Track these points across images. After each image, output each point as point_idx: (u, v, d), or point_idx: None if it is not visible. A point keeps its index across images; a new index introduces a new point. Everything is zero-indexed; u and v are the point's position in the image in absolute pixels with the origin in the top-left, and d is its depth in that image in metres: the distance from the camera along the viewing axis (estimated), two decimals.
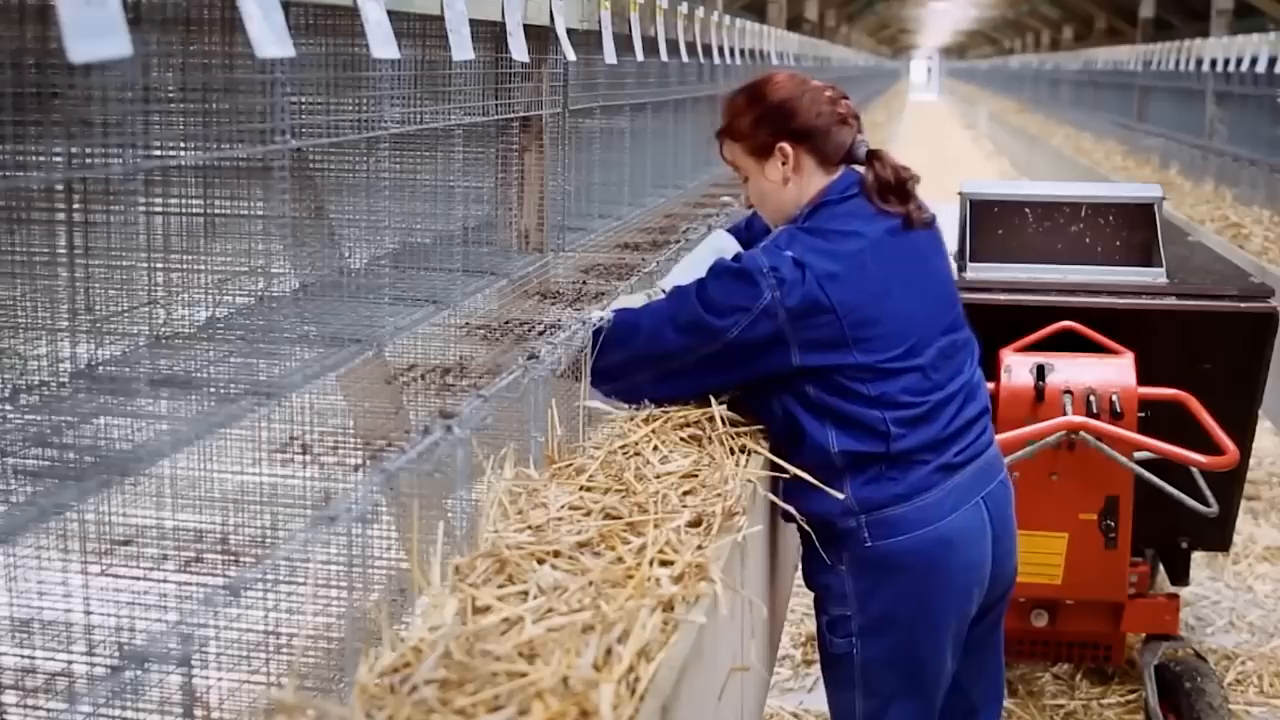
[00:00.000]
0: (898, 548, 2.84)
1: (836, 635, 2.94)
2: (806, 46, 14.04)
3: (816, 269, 2.78)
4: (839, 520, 2.86)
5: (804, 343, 2.78)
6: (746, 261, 2.81)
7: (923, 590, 2.87)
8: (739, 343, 2.78)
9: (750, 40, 8.62)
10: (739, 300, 2.78)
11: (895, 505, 2.84)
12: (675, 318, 2.84)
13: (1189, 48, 12.41)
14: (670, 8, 5.52)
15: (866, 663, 2.91)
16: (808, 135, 2.92)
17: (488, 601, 2.06)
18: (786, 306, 2.76)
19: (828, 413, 2.83)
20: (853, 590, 2.89)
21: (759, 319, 2.76)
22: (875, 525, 2.84)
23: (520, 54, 3.42)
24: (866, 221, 2.89)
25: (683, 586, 2.17)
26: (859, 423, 2.82)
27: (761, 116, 2.94)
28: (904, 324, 2.84)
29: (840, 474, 2.84)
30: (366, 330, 2.67)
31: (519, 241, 3.83)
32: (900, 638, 2.90)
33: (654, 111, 5.68)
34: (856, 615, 2.90)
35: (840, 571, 2.90)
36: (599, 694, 1.76)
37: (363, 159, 2.92)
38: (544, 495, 2.50)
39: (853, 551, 2.87)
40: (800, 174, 2.94)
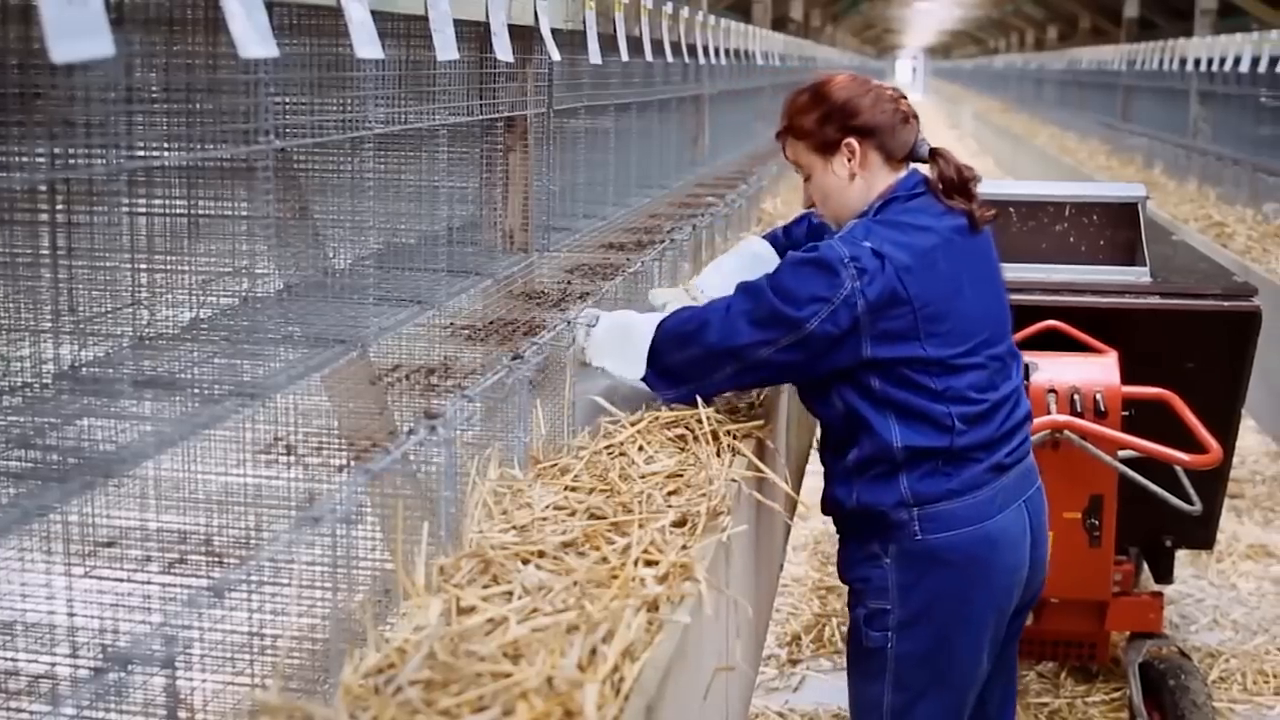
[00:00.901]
0: (946, 543, 2.87)
1: (873, 629, 2.95)
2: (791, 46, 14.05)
3: (895, 260, 2.79)
4: (891, 512, 2.88)
5: (877, 334, 2.79)
6: (825, 252, 2.81)
7: (965, 587, 2.90)
8: (819, 334, 2.77)
9: (735, 40, 8.63)
10: (819, 290, 2.77)
11: (948, 500, 2.86)
12: (750, 312, 2.81)
13: (1173, 47, 12.44)
14: (655, 7, 5.52)
15: (901, 657, 2.93)
16: (873, 132, 2.94)
17: (472, 602, 2.06)
18: (867, 297, 2.77)
19: (892, 406, 2.85)
20: (895, 583, 2.91)
21: (839, 310, 2.76)
22: (927, 519, 2.87)
23: (505, 54, 3.41)
24: (937, 219, 2.91)
25: (667, 586, 2.17)
26: (924, 416, 2.85)
27: (828, 114, 2.96)
28: (971, 322, 2.88)
29: (898, 468, 2.87)
30: (351, 331, 2.67)
31: (504, 242, 3.83)
32: (938, 633, 2.92)
33: (639, 111, 5.68)
34: (896, 609, 2.92)
35: (884, 565, 2.92)
36: (583, 694, 1.76)
37: (347, 159, 2.92)
38: (528, 495, 2.50)
39: (900, 544, 2.89)
40: (867, 170, 2.96)
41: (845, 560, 3.03)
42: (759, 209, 6.98)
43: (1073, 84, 20.06)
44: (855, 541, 2.98)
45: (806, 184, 3.05)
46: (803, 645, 5.01)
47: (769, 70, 10.99)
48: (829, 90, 2.98)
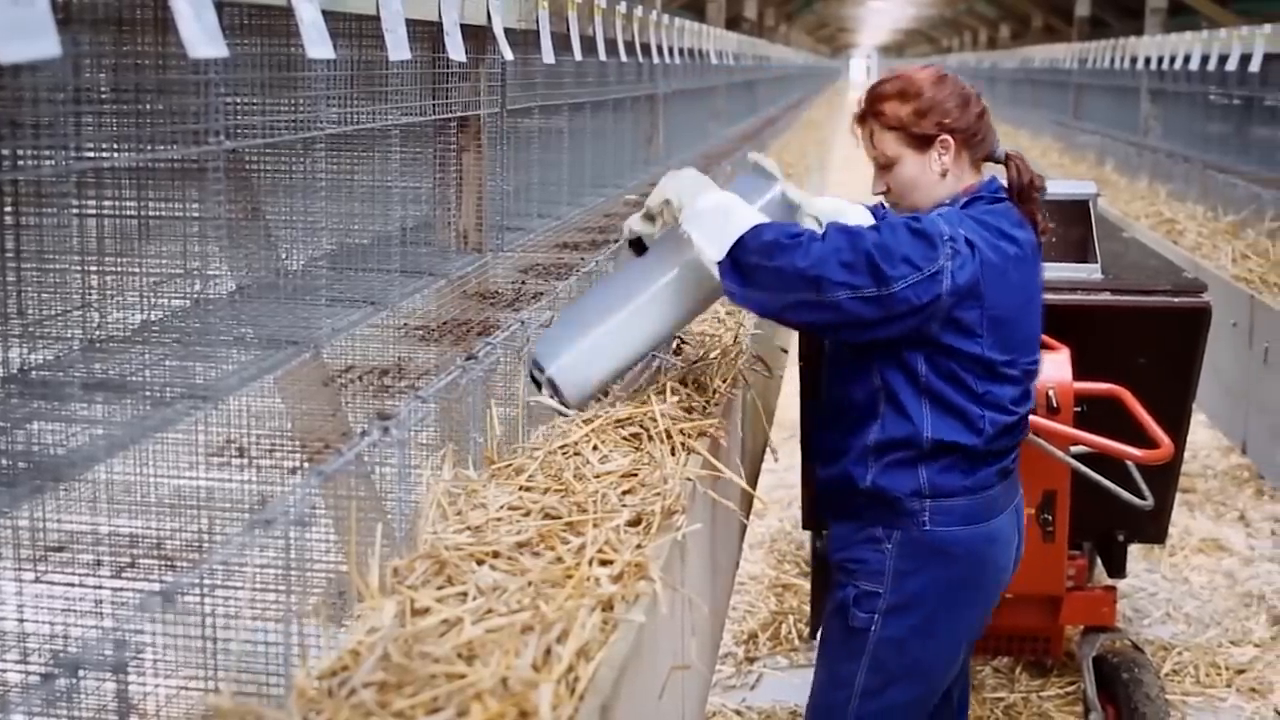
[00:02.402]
0: (951, 536, 2.92)
1: (860, 610, 2.98)
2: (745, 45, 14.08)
3: (982, 255, 2.82)
4: (905, 500, 2.92)
5: (948, 320, 2.81)
6: (927, 224, 2.81)
7: (961, 582, 2.96)
8: (900, 297, 2.75)
9: (689, 39, 8.64)
10: (914, 256, 2.76)
11: (962, 496, 2.92)
12: (843, 251, 2.76)
13: (1124, 46, 12.54)
14: (608, 7, 5.52)
15: (884, 641, 2.97)
16: (968, 132, 2.97)
17: (427, 603, 2.05)
18: (955, 280, 2.78)
19: (931, 396, 2.88)
20: (891, 569, 2.95)
21: (926, 282, 2.76)
22: (938, 511, 2.92)
23: (457, 54, 3.41)
24: (1017, 228, 2.93)
25: (622, 586, 2.17)
26: (960, 414, 2.88)
27: (928, 108, 2.95)
28: (1021, 336, 2.92)
29: (921, 457, 2.90)
30: (304, 332, 2.66)
31: (457, 242, 3.82)
32: (925, 623, 2.96)
33: (593, 111, 5.68)
34: (888, 594, 2.95)
35: (884, 549, 2.95)
36: (538, 694, 1.76)
37: (299, 160, 2.91)
38: (483, 496, 2.49)
39: (907, 532, 2.93)
40: (958, 168, 2.98)
41: (841, 539, 3.05)
42: None
43: (1025, 82, 20.19)
44: (855, 522, 3.00)
45: (882, 173, 3.02)
46: (759, 643, 5.01)
47: (723, 69, 11.01)
48: (927, 85, 2.97)
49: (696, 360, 3.33)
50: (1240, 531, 6.35)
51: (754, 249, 2.79)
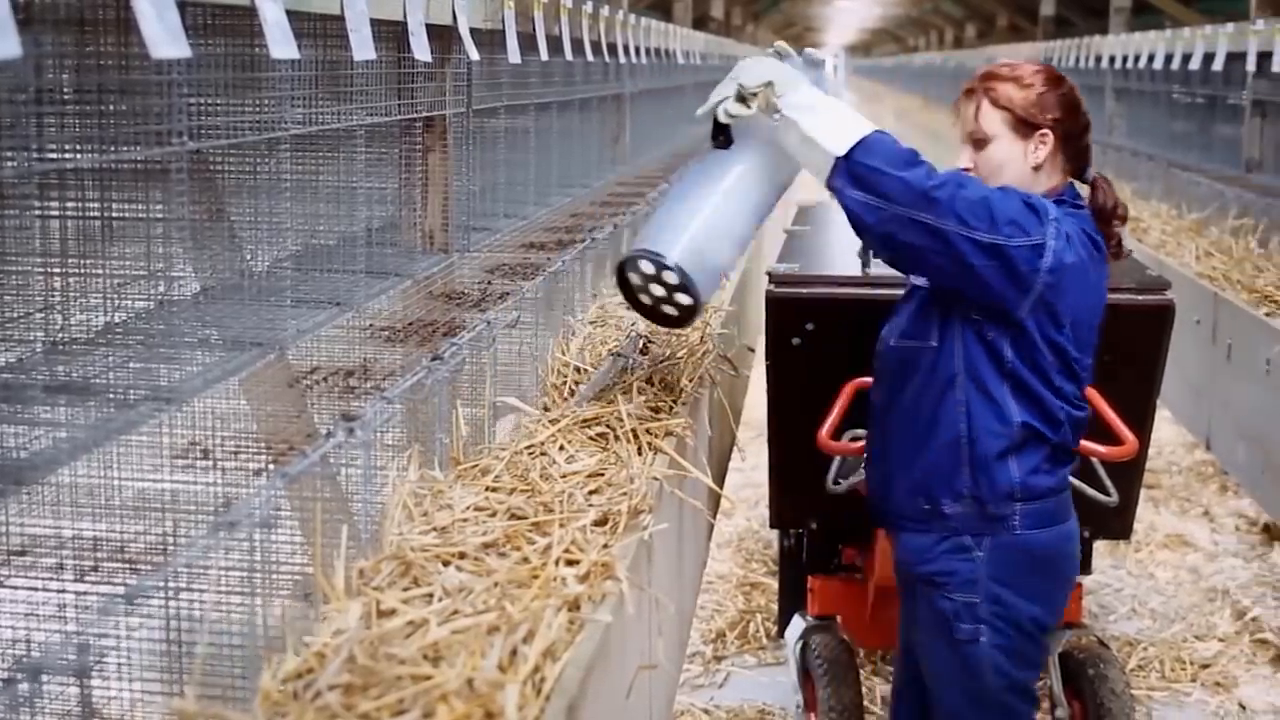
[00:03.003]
0: (1040, 539, 2.92)
1: (963, 622, 2.94)
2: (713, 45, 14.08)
3: (1076, 247, 2.83)
4: (993, 504, 2.90)
5: (1039, 301, 2.80)
6: (1034, 198, 2.82)
7: (1049, 578, 2.98)
8: (1003, 249, 2.73)
9: (656, 39, 8.63)
10: (1023, 221, 2.76)
11: (1048, 497, 2.92)
12: (965, 187, 2.75)
13: (1089, 45, 12.60)
14: (574, 7, 5.52)
15: (994, 648, 2.94)
16: (1071, 136, 2.97)
17: (392, 605, 2.05)
18: (1056, 256, 2.78)
19: (1014, 382, 2.87)
20: (985, 576, 2.92)
21: (1030, 250, 2.75)
22: (1027, 514, 2.90)
23: (422, 54, 3.40)
24: (1097, 235, 2.94)
25: (588, 586, 2.17)
26: (1040, 403, 2.88)
27: (1048, 100, 2.94)
28: (1088, 341, 2.95)
29: (1009, 451, 2.89)
30: (268, 333, 2.65)
31: (423, 242, 3.81)
32: (1023, 623, 2.95)
33: (559, 111, 5.68)
34: (985, 602, 2.93)
35: (975, 558, 2.92)
36: (504, 695, 1.76)
37: (264, 160, 2.90)
38: (449, 497, 2.49)
39: (997, 538, 2.91)
40: (1051, 167, 2.96)
41: (919, 551, 2.99)
42: None
43: None
44: (936, 532, 2.96)
45: (974, 149, 2.99)
46: (727, 642, 5.02)
47: (690, 69, 11.01)
48: (1043, 79, 2.97)
49: (663, 359, 3.34)
50: (1204, 527, 6.40)
51: (879, 153, 2.74)
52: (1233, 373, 5.32)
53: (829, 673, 3.90)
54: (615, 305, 4.27)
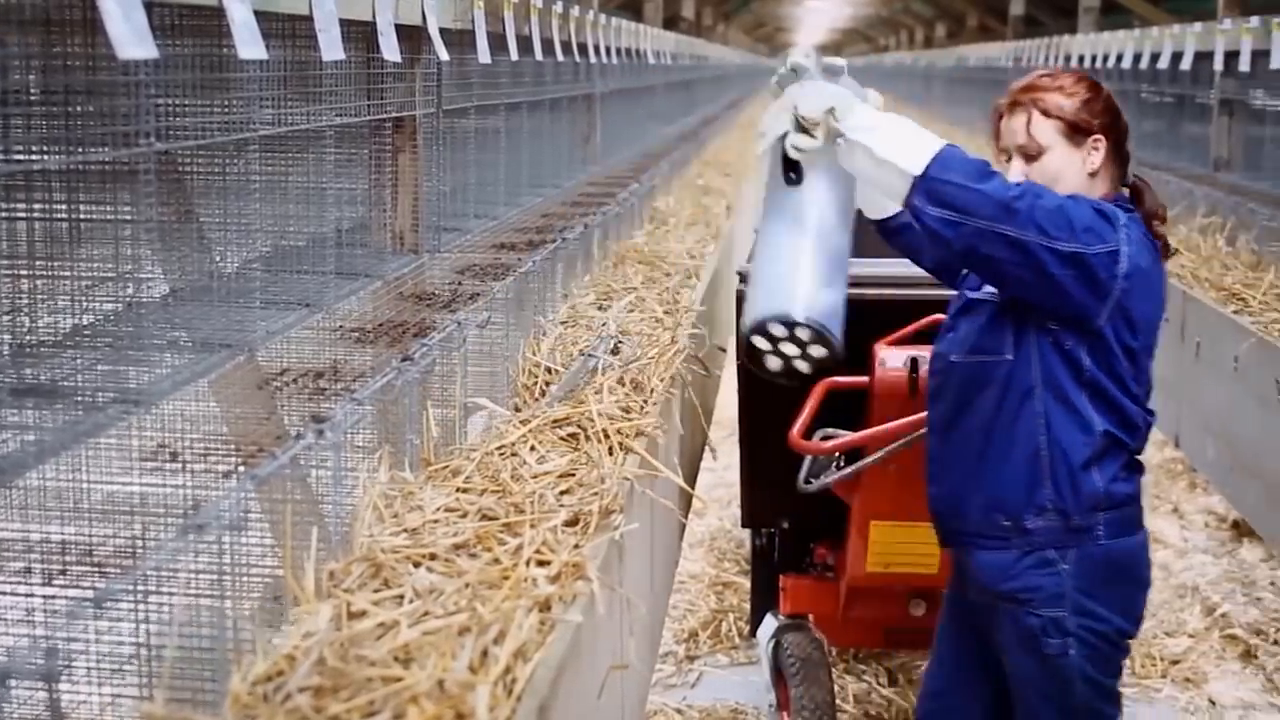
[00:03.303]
0: (1123, 547, 2.87)
1: (1051, 637, 2.87)
2: (683, 45, 14.10)
3: (1143, 250, 2.81)
4: (1078, 516, 2.84)
5: (1116, 307, 2.77)
6: (1102, 205, 2.80)
7: (1132, 585, 2.93)
8: (1083, 257, 2.70)
9: (626, 39, 8.64)
10: (1097, 229, 2.73)
11: (1127, 506, 2.87)
12: (1043, 197, 2.71)
13: (1058, 44, 12.66)
14: (545, 7, 5.51)
15: (1084, 660, 2.88)
16: (1120, 140, 2.95)
17: (363, 606, 2.05)
18: (1131, 262, 2.75)
19: (1094, 390, 2.82)
20: (1071, 589, 2.85)
21: (1107, 257, 2.72)
22: (1110, 523, 2.85)
23: (392, 54, 3.39)
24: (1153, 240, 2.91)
25: (560, 586, 2.17)
26: (1121, 411, 2.84)
27: (1098, 107, 2.93)
28: (1152, 345, 2.91)
29: (1092, 461, 2.83)
30: (238, 335, 2.64)
31: (393, 243, 3.80)
32: (1110, 633, 2.90)
33: (529, 111, 5.67)
34: (1071, 614, 2.86)
35: (1061, 570, 2.85)
36: (475, 696, 1.76)
37: (233, 161, 2.89)
38: (419, 498, 2.49)
39: (1081, 549, 2.85)
40: (1105, 172, 2.94)
41: (1000, 568, 2.91)
42: (651, 207, 7.00)
43: (961, 81, 20.32)
44: (1016, 549, 2.88)
45: (1027, 162, 2.94)
46: (700, 641, 5.02)
47: (661, 69, 11.02)
48: (1085, 87, 2.95)
49: (634, 359, 3.34)
50: (1174, 524, 6.43)
51: (955, 167, 2.69)
52: (1201, 371, 5.35)
53: (801, 672, 3.90)
54: (586, 305, 4.27)
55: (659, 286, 4.70)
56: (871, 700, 4.54)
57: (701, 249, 5.96)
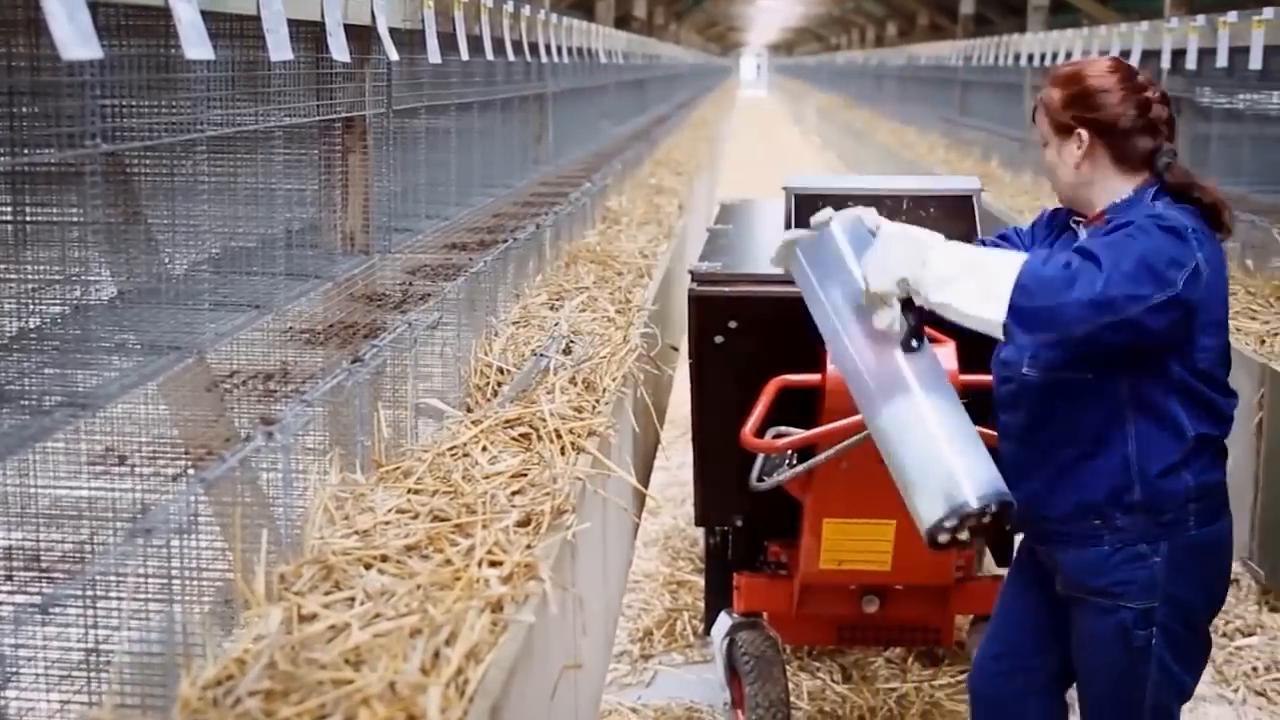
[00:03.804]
0: (1214, 533, 2.88)
1: (1139, 628, 2.86)
2: (635, 44, 14.10)
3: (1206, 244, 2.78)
4: (1169, 511, 2.83)
5: (1203, 313, 2.76)
6: (1169, 219, 2.74)
7: (1218, 568, 2.94)
8: (1178, 297, 2.67)
9: (578, 38, 8.64)
10: (1178, 255, 2.69)
11: (1216, 493, 2.87)
12: (1121, 264, 2.65)
13: (1007, 43, 12.73)
14: (495, 6, 5.50)
15: (1165, 650, 2.88)
16: (1106, 131, 2.89)
17: (314, 609, 2.04)
18: (1211, 266, 2.73)
19: (1186, 393, 2.81)
20: (1163, 580, 2.84)
21: (1192, 276, 2.69)
22: (1201, 512, 2.85)
23: (341, 54, 3.38)
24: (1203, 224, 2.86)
25: (512, 587, 2.17)
26: (1210, 406, 2.83)
27: (1072, 98, 2.91)
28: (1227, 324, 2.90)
29: (1184, 462, 2.82)
30: (186, 337, 2.63)
31: (344, 244, 3.79)
32: (1194, 619, 2.91)
33: (480, 111, 5.66)
34: (1161, 605, 2.85)
35: (1153, 563, 2.84)
36: (426, 698, 1.75)
37: (180, 162, 2.87)
38: (371, 499, 2.48)
39: (1173, 540, 2.84)
40: (1093, 164, 2.91)
41: (1091, 565, 2.90)
42: (603, 207, 7.00)
43: (912, 79, 20.43)
44: (1107, 545, 2.87)
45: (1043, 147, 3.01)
46: (654, 640, 5.02)
47: (613, 68, 11.02)
48: (1085, 74, 2.93)
49: (586, 359, 3.34)
50: None
51: (1038, 291, 2.67)
52: None
53: (755, 669, 3.91)
54: (538, 305, 4.27)
55: (611, 286, 4.70)
56: (826, 697, 4.55)
57: (654, 248, 5.97)
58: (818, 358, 3.64)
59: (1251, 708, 4.57)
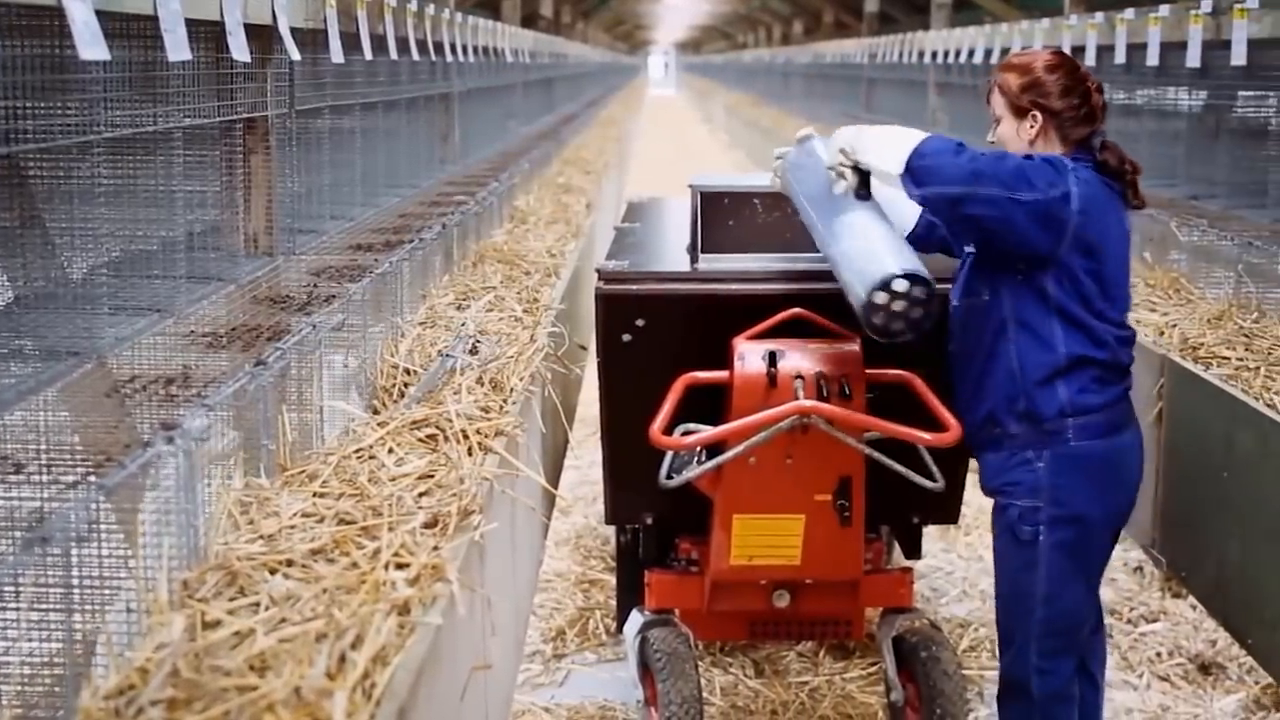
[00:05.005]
0: (1092, 449, 3.33)
1: (1025, 524, 3.37)
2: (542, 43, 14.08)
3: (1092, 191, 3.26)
4: (1049, 421, 3.32)
5: (1075, 239, 3.23)
6: (1052, 157, 3.28)
7: (1102, 484, 3.36)
8: (1041, 203, 3.18)
9: (484, 38, 8.61)
10: (1049, 175, 3.21)
11: (1098, 412, 3.32)
12: (1001, 162, 3.22)
13: (911, 41, 12.86)
14: (399, 5, 5.47)
15: (1052, 547, 3.35)
16: (1056, 115, 3.39)
17: (217, 615, 2.01)
18: (1081, 199, 3.21)
19: (1062, 315, 3.28)
20: (1046, 484, 3.34)
21: (1059, 199, 3.20)
22: (1079, 428, 3.32)
23: (241, 54, 3.34)
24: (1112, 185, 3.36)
25: (419, 589, 2.16)
26: (1086, 329, 3.28)
27: (1029, 84, 3.41)
28: (1124, 275, 3.37)
29: (1056, 375, 3.30)
30: (85, 342, 2.59)
31: (247, 246, 3.75)
32: (1080, 524, 3.35)
33: (385, 110, 5.63)
34: (1046, 506, 3.34)
35: (1037, 468, 3.35)
36: (332, 702, 1.74)
37: (77, 164, 2.83)
38: (276, 504, 2.46)
39: (1054, 449, 3.33)
40: (1044, 141, 3.40)
41: (993, 468, 3.45)
42: (511, 206, 6.98)
43: (818, 77, 20.57)
44: (1005, 451, 3.40)
45: (993, 126, 3.51)
46: (567, 640, 5.02)
47: (519, 67, 11.00)
48: (1040, 67, 3.43)
49: (493, 359, 3.33)
50: None
51: (930, 151, 3.26)
52: None
53: (668, 666, 3.91)
54: (445, 306, 4.25)
55: (519, 285, 4.69)
56: (738, 692, 4.58)
57: (562, 247, 5.96)
58: (725, 355, 3.66)
59: (1156, 692, 4.65)
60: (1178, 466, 4.48)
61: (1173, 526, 4.51)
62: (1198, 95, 6.77)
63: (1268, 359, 4.33)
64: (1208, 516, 4.23)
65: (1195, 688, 4.67)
